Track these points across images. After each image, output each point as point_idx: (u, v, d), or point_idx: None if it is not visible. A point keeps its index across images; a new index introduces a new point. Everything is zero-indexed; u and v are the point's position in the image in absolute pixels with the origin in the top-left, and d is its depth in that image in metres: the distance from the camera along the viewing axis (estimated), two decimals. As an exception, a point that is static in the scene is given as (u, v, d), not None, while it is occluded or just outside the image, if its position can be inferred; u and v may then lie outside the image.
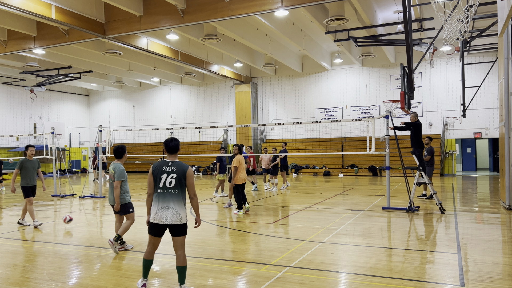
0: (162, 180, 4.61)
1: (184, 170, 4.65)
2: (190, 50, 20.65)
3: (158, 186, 4.63)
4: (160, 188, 4.62)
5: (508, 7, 6.63)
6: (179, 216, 4.59)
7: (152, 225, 4.65)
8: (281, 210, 11.06)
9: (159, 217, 4.58)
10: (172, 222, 4.57)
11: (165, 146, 4.77)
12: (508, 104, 10.30)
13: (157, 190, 4.64)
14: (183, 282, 4.68)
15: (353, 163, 25.04)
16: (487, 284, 4.88)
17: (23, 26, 16.62)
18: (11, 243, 7.55)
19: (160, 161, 4.76)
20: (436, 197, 10.16)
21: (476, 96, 20.83)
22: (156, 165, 4.72)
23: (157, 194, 4.64)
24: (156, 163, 4.74)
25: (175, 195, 4.61)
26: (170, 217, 4.57)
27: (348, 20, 15.25)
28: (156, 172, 4.66)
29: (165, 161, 4.73)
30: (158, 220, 4.59)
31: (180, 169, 4.65)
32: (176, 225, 4.60)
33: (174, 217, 4.57)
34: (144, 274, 4.82)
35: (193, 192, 4.71)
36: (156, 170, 4.67)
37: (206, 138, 29.40)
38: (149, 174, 4.71)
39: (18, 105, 28.56)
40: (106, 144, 14.78)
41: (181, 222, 4.61)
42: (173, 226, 4.60)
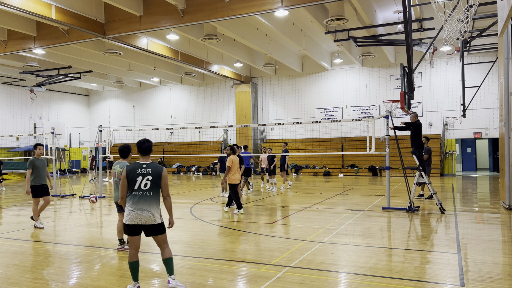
0: (137, 182, 4.67)
1: (159, 171, 4.73)
2: (190, 50, 20.66)
3: (133, 188, 4.68)
4: (135, 190, 4.67)
5: (508, 7, 6.63)
6: (153, 217, 4.67)
7: (128, 226, 4.70)
8: (281, 210, 11.07)
9: (133, 218, 4.65)
10: (146, 223, 4.65)
11: (138, 147, 4.84)
12: (508, 104, 10.30)
13: (131, 192, 4.69)
14: (172, 273, 4.79)
15: (353, 163, 25.04)
16: (487, 284, 4.88)
17: (23, 26, 16.63)
18: (11, 243, 7.55)
19: (133, 164, 4.79)
20: (436, 197, 10.16)
21: (476, 96, 20.83)
22: (131, 167, 4.73)
23: (131, 196, 4.69)
24: (130, 166, 4.76)
25: (149, 197, 4.68)
26: (145, 218, 4.65)
27: (348, 20, 15.25)
28: (131, 175, 4.70)
29: (139, 163, 4.78)
30: (132, 221, 4.65)
31: (155, 171, 4.72)
32: (151, 225, 4.68)
33: (148, 218, 4.66)
34: (135, 278, 4.76)
35: (167, 192, 4.80)
36: (131, 173, 4.69)
37: (206, 138, 29.40)
38: (122, 177, 4.72)
39: (18, 105, 28.56)
40: (106, 144, 14.78)
41: (156, 222, 4.69)
42: (149, 226, 4.68)
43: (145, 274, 5.51)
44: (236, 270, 5.60)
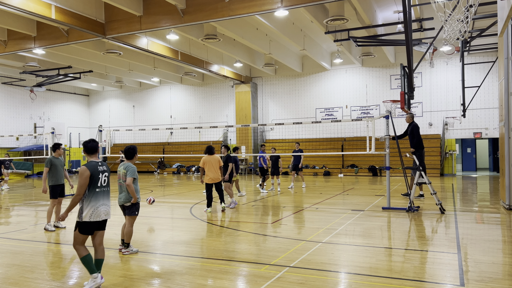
0: (100, 180, 4.97)
1: (109, 168, 5.18)
2: (190, 50, 20.66)
3: (96, 185, 4.95)
4: (98, 187, 4.96)
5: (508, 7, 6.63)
6: (110, 211, 5.12)
7: (88, 224, 4.89)
8: (281, 210, 11.06)
9: (97, 214, 4.92)
10: (107, 217, 5.06)
11: (84, 147, 5.09)
12: (508, 104, 10.30)
13: (95, 189, 4.93)
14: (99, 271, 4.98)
15: (353, 163, 25.03)
16: (487, 284, 4.88)
17: (23, 26, 16.62)
18: (11, 243, 7.55)
19: (90, 163, 4.98)
20: (436, 197, 10.16)
21: (476, 96, 20.84)
22: (91, 167, 4.93)
23: (95, 193, 4.93)
24: (89, 165, 4.94)
25: (107, 192, 5.10)
26: (107, 212, 5.05)
27: (348, 20, 15.24)
28: (94, 173, 4.92)
29: (95, 161, 5.03)
30: (95, 217, 4.91)
31: (108, 168, 5.14)
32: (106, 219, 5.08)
33: (108, 212, 5.08)
34: (92, 270, 4.87)
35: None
36: (94, 172, 4.92)
37: (206, 138, 29.39)
38: (85, 177, 4.85)
39: (18, 105, 28.56)
40: (106, 144, 14.78)
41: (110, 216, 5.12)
42: (105, 220, 5.06)
43: (145, 274, 5.51)
44: (236, 270, 5.60)
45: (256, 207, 11.73)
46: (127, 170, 6.44)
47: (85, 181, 4.86)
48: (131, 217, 6.56)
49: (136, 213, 6.58)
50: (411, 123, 12.29)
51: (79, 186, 4.84)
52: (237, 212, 10.87)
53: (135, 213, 6.56)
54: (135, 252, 6.54)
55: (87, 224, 4.89)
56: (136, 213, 6.58)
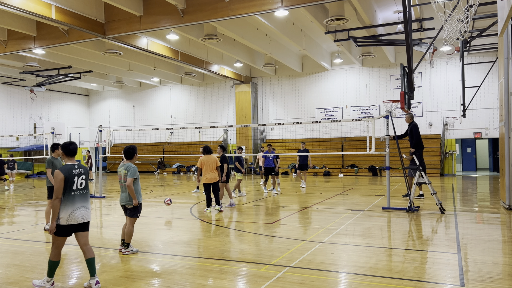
0: (75, 183, 4.93)
1: (87, 169, 5.15)
2: (190, 50, 20.66)
3: (72, 189, 4.90)
4: (74, 190, 4.92)
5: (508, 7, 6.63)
6: (89, 213, 5.08)
7: (66, 227, 4.88)
8: (281, 210, 11.06)
9: (75, 218, 4.89)
10: (87, 219, 5.02)
11: (65, 149, 5.03)
12: (508, 104, 10.30)
13: (70, 193, 4.89)
14: (94, 273, 4.96)
15: (353, 163, 25.03)
16: (487, 284, 4.88)
17: (23, 26, 16.63)
18: (11, 243, 7.55)
19: (65, 166, 4.95)
20: (436, 197, 10.16)
21: (476, 96, 20.84)
22: (66, 169, 4.90)
23: (70, 196, 4.89)
24: (64, 169, 4.91)
25: (85, 195, 5.04)
26: (86, 215, 4.99)
27: (348, 20, 15.24)
28: (68, 176, 4.88)
29: (71, 164, 4.98)
30: (73, 221, 4.88)
31: (85, 170, 5.08)
32: (88, 221, 5.06)
33: (88, 214, 5.03)
34: (52, 274, 4.93)
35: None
36: (68, 175, 4.87)
37: (206, 138, 29.39)
38: (59, 180, 4.82)
39: (18, 105, 28.56)
40: (106, 144, 14.79)
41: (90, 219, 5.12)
42: (86, 222, 5.03)
43: (145, 274, 5.51)
44: (236, 270, 5.60)
45: (256, 207, 11.73)
46: (127, 171, 6.43)
47: (60, 184, 4.82)
48: (132, 218, 6.56)
49: (137, 215, 6.56)
50: (411, 123, 12.29)
51: (55, 190, 4.82)
52: (237, 212, 10.87)
53: (137, 215, 6.55)
54: (135, 252, 6.54)
55: (63, 227, 4.87)
56: (137, 215, 6.56)
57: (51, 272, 4.94)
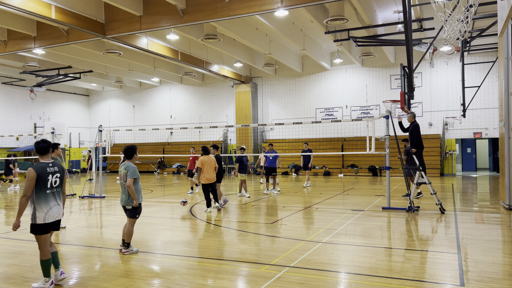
0: (49, 181, 4.95)
1: (63, 168, 5.19)
2: (190, 50, 20.65)
3: (46, 187, 4.93)
4: (48, 188, 4.96)
5: (508, 7, 6.63)
6: (62, 211, 5.16)
7: (44, 225, 4.94)
8: (281, 210, 11.06)
9: (52, 215, 4.98)
10: (60, 217, 5.12)
11: (35, 148, 5.08)
12: (508, 104, 10.30)
13: (45, 191, 4.93)
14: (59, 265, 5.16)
15: (353, 163, 25.03)
16: (487, 284, 4.88)
17: (23, 26, 16.62)
18: (11, 243, 7.55)
19: (39, 164, 4.96)
20: (436, 197, 10.16)
21: (476, 96, 20.83)
22: (39, 168, 4.89)
23: (45, 194, 4.92)
24: (37, 167, 4.90)
25: (59, 193, 5.12)
26: (60, 213, 5.09)
27: (348, 20, 15.24)
28: (41, 174, 4.88)
29: (45, 163, 5.00)
30: (51, 218, 4.97)
31: (60, 168, 5.12)
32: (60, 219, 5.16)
33: (61, 212, 5.12)
34: (48, 274, 4.99)
35: (64, 187, 5.30)
36: (41, 173, 4.88)
37: (206, 138, 29.39)
38: (30, 178, 4.83)
39: (18, 105, 28.56)
40: (106, 144, 14.79)
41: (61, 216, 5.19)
42: (59, 220, 5.12)
43: (145, 274, 5.51)
44: (236, 270, 5.60)
45: (256, 207, 11.73)
46: (127, 171, 6.43)
47: (31, 183, 4.82)
48: (132, 219, 6.55)
49: (137, 216, 6.55)
50: (412, 123, 12.28)
51: (25, 187, 4.83)
52: (237, 212, 10.87)
53: (136, 216, 6.54)
54: (135, 252, 6.54)
55: (41, 226, 4.92)
56: (137, 216, 6.55)
57: (46, 271, 4.98)
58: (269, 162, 14.79)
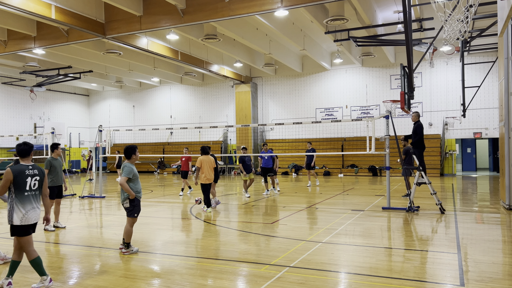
0: (28, 183, 4.94)
1: (43, 172, 5.14)
2: (190, 50, 20.65)
3: (25, 189, 4.92)
4: (27, 191, 4.94)
5: (508, 7, 6.63)
6: (39, 213, 5.12)
7: (21, 227, 4.94)
8: (281, 210, 11.06)
9: (28, 218, 4.96)
10: (37, 220, 5.09)
11: (16, 150, 5.09)
12: (508, 104, 10.30)
13: (23, 193, 4.91)
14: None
15: (353, 163, 25.03)
16: (487, 284, 4.88)
17: (23, 26, 16.62)
18: (11, 243, 7.54)
19: (18, 166, 4.98)
20: (436, 197, 10.16)
21: (476, 96, 20.83)
22: (17, 170, 4.91)
23: (23, 197, 4.92)
24: (15, 168, 4.92)
25: (38, 196, 5.09)
26: (37, 216, 5.05)
27: (348, 20, 15.24)
28: (19, 176, 4.89)
29: (24, 165, 5.00)
30: (27, 221, 4.95)
31: (41, 172, 5.09)
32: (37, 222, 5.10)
33: (38, 215, 5.07)
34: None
35: (47, 191, 5.29)
36: (19, 175, 4.89)
37: (206, 138, 29.40)
38: (5, 179, 4.88)
39: (18, 105, 28.56)
40: (106, 144, 14.79)
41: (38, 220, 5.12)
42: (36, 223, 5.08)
43: (145, 274, 5.51)
44: (236, 270, 5.60)
45: (256, 207, 11.73)
46: (123, 170, 6.46)
47: (5, 183, 4.87)
48: (131, 218, 6.55)
49: (135, 215, 6.54)
50: (416, 122, 12.30)
51: (1, 186, 4.89)
52: (237, 212, 10.88)
53: (134, 215, 6.53)
54: (135, 252, 6.54)
55: (18, 227, 4.93)
56: (135, 215, 6.54)
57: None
58: (264, 163, 14.54)
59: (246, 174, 13.51)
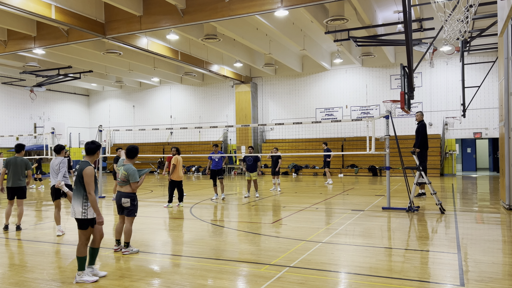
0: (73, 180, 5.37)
1: (81, 169, 5.24)
2: (190, 50, 20.65)
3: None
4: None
5: (508, 7, 6.63)
6: (73, 211, 5.26)
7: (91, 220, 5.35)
8: (281, 210, 11.07)
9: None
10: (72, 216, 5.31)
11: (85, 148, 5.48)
12: (508, 104, 10.30)
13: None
14: (92, 263, 5.36)
15: (353, 163, 25.03)
16: (487, 284, 4.88)
17: (23, 26, 16.62)
18: (11, 243, 7.55)
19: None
20: (436, 197, 10.16)
21: (476, 96, 20.82)
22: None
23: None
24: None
25: (75, 192, 5.27)
26: (72, 212, 5.30)
27: (348, 20, 15.24)
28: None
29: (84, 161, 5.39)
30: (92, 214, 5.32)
31: (79, 169, 5.26)
32: (76, 219, 5.27)
33: (71, 211, 5.29)
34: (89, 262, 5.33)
35: (88, 190, 5.21)
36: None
37: (206, 138, 29.39)
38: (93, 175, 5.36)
39: (18, 105, 28.55)
40: (106, 144, 14.78)
41: (75, 216, 5.25)
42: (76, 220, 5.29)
43: (145, 274, 5.51)
44: (236, 270, 5.60)
45: (256, 207, 11.73)
46: (128, 173, 6.40)
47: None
48: (132, 217, 6.56)
49: (135, 214, 6.56)
50: (420, 121, 12.28)
51: (92, 185, 5.20)
52: (237, 212, 10.88)
53: (134, 213, 6.55)
54: (135, 252, 6.54)
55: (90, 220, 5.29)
56: (135, 214, 6.56)
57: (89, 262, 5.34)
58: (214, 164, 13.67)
59: (247, 174, 13.67)
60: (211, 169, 13.81)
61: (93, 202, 5.15)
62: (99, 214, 5.23)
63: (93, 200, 5.15)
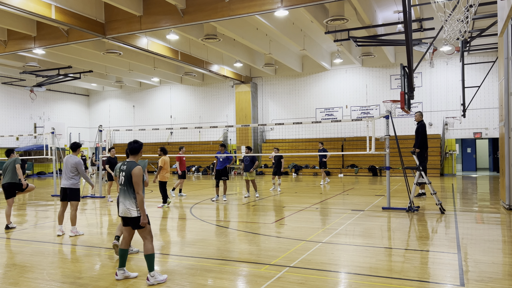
0: (119, 178, 5.31)
1: (130, 169, 5.23)
2: (190, 50, 20.65)
3: (119, 183, 5.34)
4: (119, 185, 5.33)
5: (508, 7, 6.63)
6: (128, 211, 5.19)
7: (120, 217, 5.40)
8: (281, 210, 11.07)
9: (120, 210, 5.32)
10: (125, 215, 5.23)
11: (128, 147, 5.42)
12: (508, 104, 10.30)
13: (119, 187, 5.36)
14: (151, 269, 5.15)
15: (353, 163, 25.03)
16: (487, 284, 4.88)
17: (23, 26, 16.62)
18: (11, 243, 7.55)
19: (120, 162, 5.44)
20: (436, 197, 10.16)
21: (476, 96, 20.82)
22: (117, 165, 5.41)
23: (119, 190, 5.40)
24: (118, 164, 5.42)
25: (124, 191, 5.23)
26: (123, 211, 5.23)
27: (348, 20, 15.24)
28: (116, 172, 5.39)
29: (123, 162, 5.41)
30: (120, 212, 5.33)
31: (128, 169, 5.25)
32: (128, 218, 5.22)
33: (124, 211, 5.22)
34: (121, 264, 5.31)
35: (137, 189, 5.20)
36: (116, 171, 5.40)
37: (206, 138, 29.40)
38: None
39: (18, 105, 28.55)
40: (106, 144, 14.78)
41: (131, 216, 5.19)
42: (127, 219, 5.25)
43: (145, 274, 5.51)
44: (236, 270, 5.60)
45: (256, 207, 11.73)
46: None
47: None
48: None
49: None
50: (420, 121, 12.26)
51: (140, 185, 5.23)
52: (237, 212, 10.88)
53: None
54: (135, 252, 6.54)
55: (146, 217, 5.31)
56: None
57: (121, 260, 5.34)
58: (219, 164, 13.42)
59: (244, 174, 13.73)
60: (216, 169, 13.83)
61: (141, 202, 5.16)
62: (144, 215, 5.19)
63: (141, 200, 5.15)
